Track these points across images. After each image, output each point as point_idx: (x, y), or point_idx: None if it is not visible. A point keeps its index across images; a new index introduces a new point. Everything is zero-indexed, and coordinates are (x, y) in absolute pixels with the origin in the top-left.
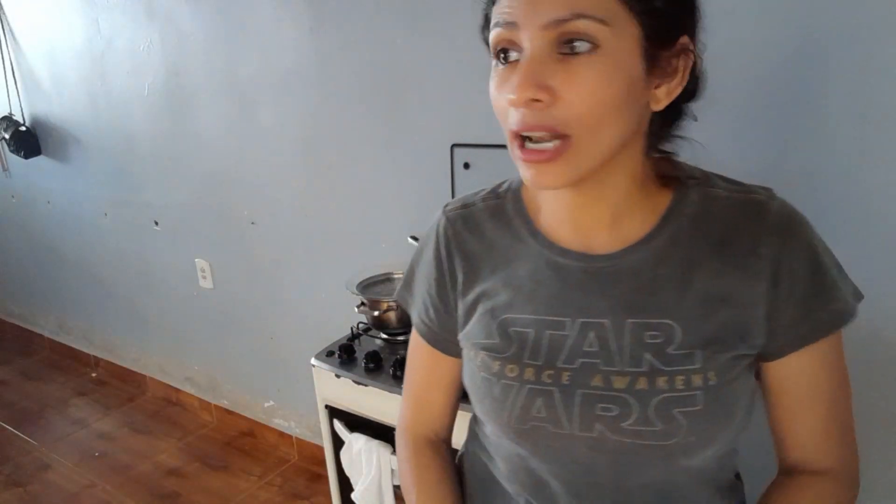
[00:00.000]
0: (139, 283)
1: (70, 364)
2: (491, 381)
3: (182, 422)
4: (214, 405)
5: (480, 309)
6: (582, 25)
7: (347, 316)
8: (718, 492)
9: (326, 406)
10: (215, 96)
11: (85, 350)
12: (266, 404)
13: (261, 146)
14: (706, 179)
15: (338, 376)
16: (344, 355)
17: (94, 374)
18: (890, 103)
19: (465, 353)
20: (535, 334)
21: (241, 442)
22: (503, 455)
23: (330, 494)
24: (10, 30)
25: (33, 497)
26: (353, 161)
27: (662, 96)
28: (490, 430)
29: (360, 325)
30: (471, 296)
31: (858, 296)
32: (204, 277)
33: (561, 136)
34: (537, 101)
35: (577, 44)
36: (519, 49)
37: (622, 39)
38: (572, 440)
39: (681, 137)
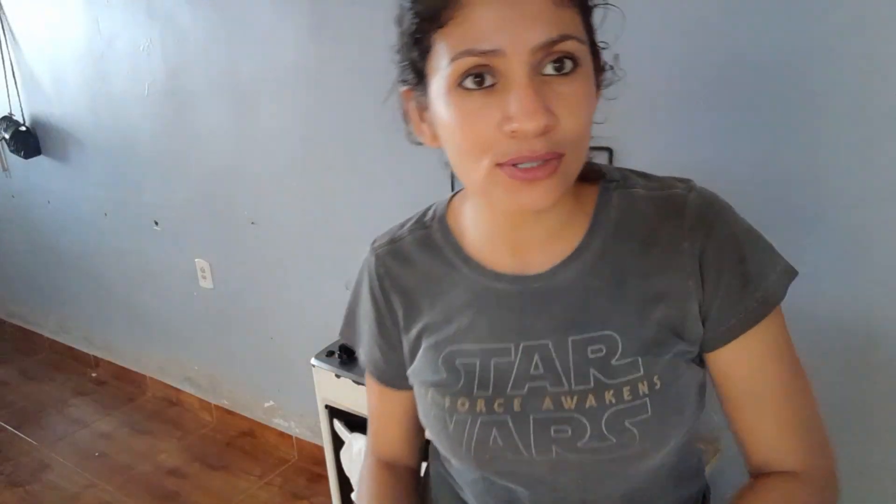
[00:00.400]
0: (139, 284)
1: (70, 364)
2: (444, 417)
3: (182, 422)
4: (214, 405)
5: (424, 344)
6: (569, 46)
7: None
8: (681, 482)
9: (326, 406)
10: (215, 96)
11: (85, 350)
12: (266, 404)
13: (261, 146)
14: (625, 180)
15: (338, 376)
16: (344, 355)
17: (94, 374)
18: (891, 103)
19: (415, 389)
20: (481, 364)
21: (241, 442)
22: (468, 480)
23: (330, 494)
24: (10, 30)
25: (33, 497)
26: (354, 161)
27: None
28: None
29: None
30: (413, 331)
31: (791, 273)
32: (204, 277)
33: (555, 156)
34: (549, 126)
35: (563, 64)
36: (495, 75)
37: (588, 55)
38: (532, 464)
39: None
